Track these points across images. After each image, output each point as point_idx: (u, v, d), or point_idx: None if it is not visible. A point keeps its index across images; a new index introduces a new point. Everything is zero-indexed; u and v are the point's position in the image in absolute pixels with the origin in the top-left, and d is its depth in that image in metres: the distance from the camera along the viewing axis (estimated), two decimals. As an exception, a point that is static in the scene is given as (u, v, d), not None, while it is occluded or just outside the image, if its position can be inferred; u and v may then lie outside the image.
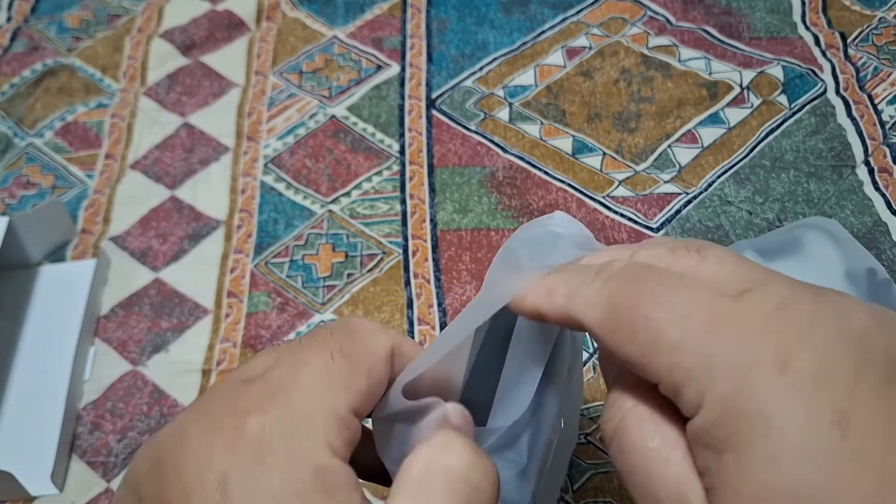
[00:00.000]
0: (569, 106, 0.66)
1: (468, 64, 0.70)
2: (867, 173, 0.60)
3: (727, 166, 0.61)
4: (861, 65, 0.68)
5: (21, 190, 0.62)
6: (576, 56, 0.70)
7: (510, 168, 0.62)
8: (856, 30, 0.71)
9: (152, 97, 0.69)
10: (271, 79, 0.70)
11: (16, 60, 0.71)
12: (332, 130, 0.66)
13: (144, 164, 0.64)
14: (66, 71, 0.71)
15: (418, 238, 0.58)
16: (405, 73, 0.70)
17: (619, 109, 0.66)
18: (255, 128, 0.66)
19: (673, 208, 0.59)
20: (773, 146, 0.62)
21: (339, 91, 0.69)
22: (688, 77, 0.68)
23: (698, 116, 0.65)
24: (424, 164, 0.63)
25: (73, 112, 0.68)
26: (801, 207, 0.59)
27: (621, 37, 0.72)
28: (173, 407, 0.50)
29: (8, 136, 0.66)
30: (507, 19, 0.74)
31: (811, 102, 0.65)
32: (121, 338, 0.53)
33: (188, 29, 0.74)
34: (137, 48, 0.73)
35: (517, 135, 0.64)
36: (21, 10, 0.76)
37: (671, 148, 0.63)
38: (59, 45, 0.73)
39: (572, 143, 0.63)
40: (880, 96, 0.65)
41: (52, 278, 0.56)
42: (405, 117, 0.66)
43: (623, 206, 0.59)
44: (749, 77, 0.67)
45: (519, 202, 0.60)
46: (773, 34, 0.71)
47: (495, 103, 0.67)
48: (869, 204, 0.58)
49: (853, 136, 0.63)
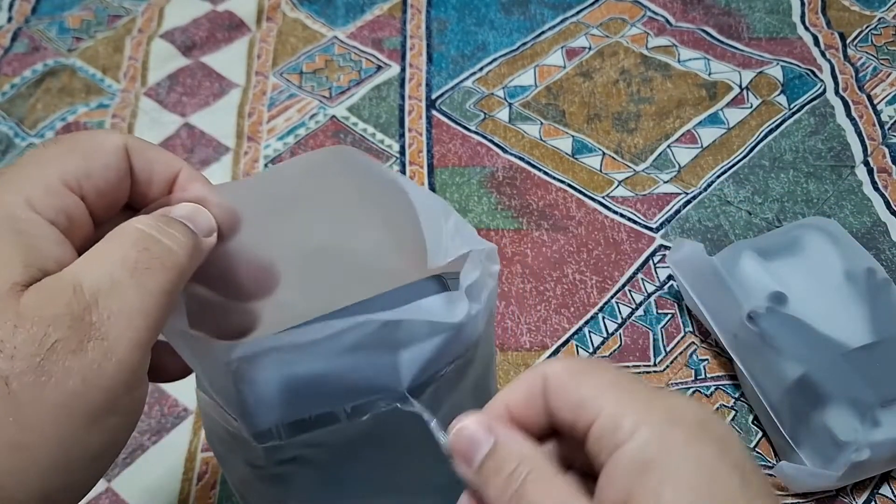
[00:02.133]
0: (568, 106, 0.66)
1: (468, 64, 0.70)
2: (866, 173, 0.60)
3: (726, 166, 0.61)
4: (860, 65, 0.68)
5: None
6: (575, 56, 0.70)
7: (510, 168, 0.62)
8: (855, 30, 0.71)
9: (153, 97, 0.69)
10: (272, 79, 0.70)
11: (17, 61, 0.72)
12: (332, 131, 0.66)
13: (145, 165, 0.64)
14: (67, 71, 0.71)
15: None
16: (405, 74, 0.70)
17: (618, 110, 0.66)
18: (255, 128, 0.66)
19: (672, 208, 0.59)
20: (773, 146, 0.63)
21: (339, 91, 0.69)
22: (687, 77, 0.68)
23: (698, 117, 0.65)
24: (424, 164, 0.63)
25: (74, 112, 0.68)
26: (801, 207, 0.59)
27: (621, 37, 0.72)
28: (174, 406, 0.50)
29: (9, 137, 0.66)
30: (507, 20, 0.74)
31: (810, 103, 0.65)
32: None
33: (189, 29, 0.74)
34: (138, 48, 0.73)
35: (517, 135, 0.64)
36: (22, 10, 0.77)
37: (671, 148, 0.63)
38: (60, 45, 0.73)
39: (572, 144, 0.64)
40: (879, 96, 0.65)
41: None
42: (405, 118, 0.66)
43: (623, 206, 0.59)
44: (748, 77, 0.67)
45: (519, 202, 0.60)
46: (773, 34, 0.71)
47: (495, 104, 0.67)
48: (868, 204, 0.59)
49: (852, 136, 0.63)
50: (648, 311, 0.54)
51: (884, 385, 0.43)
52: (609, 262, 0.56)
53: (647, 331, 0.53)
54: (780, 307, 0.47)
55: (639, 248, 0.57)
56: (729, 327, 0.48)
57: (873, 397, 0.43)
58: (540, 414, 0.25)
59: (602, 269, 0.56)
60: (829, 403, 0.43)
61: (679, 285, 0.52)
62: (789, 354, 0.45)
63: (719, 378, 0.51)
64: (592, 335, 0.53)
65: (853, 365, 0.44)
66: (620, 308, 0.54)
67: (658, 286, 0.55)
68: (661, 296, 0.54)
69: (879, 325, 0.47)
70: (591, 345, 0.52)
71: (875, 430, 0.42)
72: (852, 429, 0.42)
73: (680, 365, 0.51)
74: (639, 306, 0.54)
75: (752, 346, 0.47)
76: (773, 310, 0.47)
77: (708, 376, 0.51)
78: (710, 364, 0.51)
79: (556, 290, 0.55)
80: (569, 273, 0.56)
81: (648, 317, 0.53)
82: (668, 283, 0.55)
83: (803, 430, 0.45)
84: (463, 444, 0.24)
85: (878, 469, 0.45)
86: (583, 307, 0.54)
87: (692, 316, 0.53)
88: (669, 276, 0.55)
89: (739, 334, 0.48)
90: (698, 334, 0.52)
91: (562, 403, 0.24)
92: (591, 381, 0.24)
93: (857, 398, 0.43)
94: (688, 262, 0.51)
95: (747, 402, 0.49)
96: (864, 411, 0.43)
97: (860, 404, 0.43)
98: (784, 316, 0.47)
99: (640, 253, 0.57)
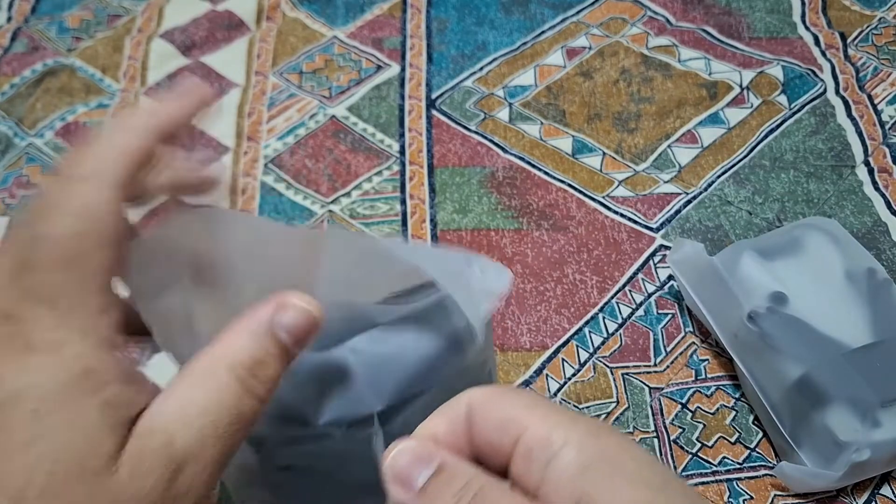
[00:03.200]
0: (569, 106, 0.66)
1: (468, 64, 0.70)
2: (867, 173, 0.60)
3: (727, 166, 0.61)
4: (861, 65, 0.68)
5: (21, 190, 0.62)
6: (576, 56, 0.70)
7: (510, 168, 0.62)
8: (855, 30, 0.71)
9: (153, 97, 0.69)
10: (271, 79, 0.70)
11: (16, 60, 0.71)
12: (332, 130, 0.66)
13: (145, 165, 0.64)
14: (67, 71, 0.71)
15: (418, 238, 0.58)
16: (405, 74, 0.70)
17: (618, 109, 0.66)
18: (255, 128, 0.66)
19: (673, 208, 0.59)
20: (773, 146, 0.62)
21: (339, 91, 0.69)
22: (687, 77, 0.68)
23: (698, 116, 0.65)
24: (424, 164, 0.63)
25: (74, 112, 0.68)
26: (801, 207, 0.59)
27: (621, 37, 0.72)
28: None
29: (8, 137, 0.66)
30: (507, 19, 0.74)
31: (811, 102, 0.65)
32: (121, 338, 0.53)
33: (188, 29, 0.74)
34: (138, 48, 0.73)
35: (517, 135, 0.64)
36: (21, 10, 0.77)
37: (671, 148, 0.63)
38: (60, 45, 0.73)
39: (572, 144, 0.64)
40: (880, 96, 0.65)
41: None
42: (405, 117, 0.66)
43: (623, 206, 0.59)
44: (749, 77, 0.67)
45: (519, 202, 0.60)
46: (773, 34, 0.71)
47: (495, 103, 0.67)
48: (868, 204, 0.58)
49: (853, 136, 0.63)
50: (649, 311, 0.53)
51: (884, 385, 0.43)
52: (609, 262, 0.56)
53: (648, 331, 0.53)
54: (780, 307, 0.47)
55: (639, 248, 0.57)
56: (729, 327, 0.48)
57: (874, 397, 0.43)
58: (463, 443, 0.24)
59: (602, 269, 0.56)
60: (829, 403, 0.43)
61: (679, 285, 0.52)
62: (790, 354, 0.45)
63: (719, 378, 0.50)
64: (593, 335, 0.52)
65: (854, 365, 0.44)
66: (621, 308, 0.54)
67: (658, 286, 0.55)
68: (661, 296, 0.54)
69: (880, 325, 0.46)
70: (591, 345, 0.52)
71: (875, 431, 0.42)
72: (853, 429, 0.42)
73: (680, 365, 0.51)
74: (639, 306, 0.54)
75: (753, 346, 0.47)
76: (773, 310, 0.47)
77: (708, 376, 0.51)
78: (710, 364, 0.51)
79: (556, 291, 0.55)
80: (569, 273, 0.56)
81: (649, 317, 0.53)
82: (669, 283, 0.55)
83: (804, 431, 0.45)
84: (403, 466, 0.23)
85: (879, 469, 0.45)
86: (583, 307, 0.54)
87: (692, 316, 0.53)
88: (670, 276, 0.55)
89: (740, 334, 0.47)
90: (698, 334, 0.52)
91: (486, 424, 0.24)
92: (513, 402, 0.24)
93: (857, 398, 0.43)
94: (688, 262, 0.51)
95: (747, 402, 0.49)
96: (865, 411, 0.43)
97: (861, 404, 0.43)
98: (784, 316, 0.47)
99: (641, 253, 0.57)
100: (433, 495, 0.23)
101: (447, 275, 0.28)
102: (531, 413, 0.23)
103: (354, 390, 0.27)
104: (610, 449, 0.22)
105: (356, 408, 0.27)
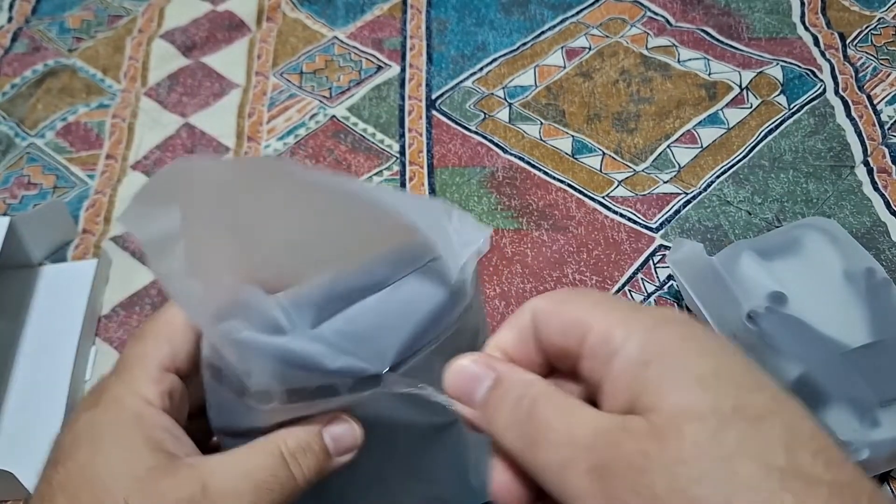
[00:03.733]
0: (568, 106, 0.66)
1: (468, 64, 0.70)
2: (866, 173, 0.60)
3: (726, 166, 0.61)
4: (860, 65, 0.68)
5: (22, 190, 0.63)
6: (575, 57, 0.70)
7: (510, 168, 0.62)
8: (855, 30, 0.71)
9: (153, 98, 0.69)
10: (272, 79, 0.70)
11: (17, 61, 0.72)
12: (332, 131, 0.66)
13: (145, 165, 0.64)
14: (68, 71, 0.71)
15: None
16: (405, 74, 0.70)
17: (618, 110, 0.66)
18: (255, 128, 0.66)
19: (672, 208, 0.59)
20: (773, 146, 0.63)
21: (339, 91, 0.69)
22: (687, 77, 0.68)
23: (697, 117, 0.65)
24: (424, 164, 0.63)
25: (75, 112, 0.68)
26: (800, 207, 0.59)
27: (621, 37, 0.72)
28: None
29: (9, 137, 0.66)
30: (507, 20, 0.74)
31: (810, 103, 0.65)
32: (122, 338, 0.54)
33: (189, 30, 0.74)
34: (138, 49, 0.73)
35: (517, 135, 0.64)
36: (22, 10, 0.77)
37: (670, 148, 0.63)
38: (61, 45, 0.73)
39: (572, 144, 0.64)
40: (879, 96, 0.65)
41: (54, 278, 0.56)
42: (405, 118, 0.66)
43: (622, 206, 0.59)
44: (748, 77, 0.67)
45: (519, 202, 0.60)
46: (773, 35, 0.71)
47: (495, 104, 0.67)
48: (868, 204, 0.59)
49: (852, 136, 0.63)
50: (648, 311, 0.54)
51: (883, 385, 0.43)
52: (609, 262, 0.56)
53: (647, 331, 0.53)
54: (779, 307, 0.47)
55: (639, 248, 0.57)
56: (729, 327, 0.48)
57: (872, 397, 0.43)
58: (533, 351, 0.25)
59: (602, 269, 0.56)
60: (828, 403, 0.43)
61: (679, 285, 0.52)
62: (789, 354, 0.45)
63: (719, 378, 0.50)
64: (592, 335, 0.53)
65: (853, 365, 0.44)
66: (620, 308, 0.54)
67: (658, 286, 0.55)
68: (661, 296, 0.54)
69: (879, 325, 0.47)
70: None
71: (874, 430, 0.42)
72: (851, 429, 0.43)
73: (680, 365, 0.51)
74: (638, 306, 0.54)
75: (752, 345, 0.47)
76: (772, 310, 0.47)
77: (707, 376, 0.51)
78: (709, 364, 0.51)
79: (555, 290, 0.55)
80: (569, 273, 0.56)
81: (648, 317, 0.53)
82: (668, 283, 0.55)
83: (803, 430, 0.45)
84: (462, 382, 0.25)
85: (878, 469, 0.45)
86: (583, 307, 0.54)
87: (692, 316, 0.53)
88: (669, 276, 0.55)
89: (739, 334, 0.48)
90: (698, 334, 0.52)
91: (552, 330, 0.24)
92: (576, 304, 0.24)
93: (856, 398, 0.43)
94: (688, 262, 0.51)
95: (747, 401, 0.49)
96: (864, 411, 0.43)
97: (859, 404, 0.43)
98: (784, 316, 0.47)
99: (640, 253, 0.57)
100: (493, 407, 0.24)
101: (431, 225, 0.29)
102: (593, 313, 0.23)
103: (364, 348, 0.28)
104: (672, 343, 0.22)
105: (363, 367, 0.28)
